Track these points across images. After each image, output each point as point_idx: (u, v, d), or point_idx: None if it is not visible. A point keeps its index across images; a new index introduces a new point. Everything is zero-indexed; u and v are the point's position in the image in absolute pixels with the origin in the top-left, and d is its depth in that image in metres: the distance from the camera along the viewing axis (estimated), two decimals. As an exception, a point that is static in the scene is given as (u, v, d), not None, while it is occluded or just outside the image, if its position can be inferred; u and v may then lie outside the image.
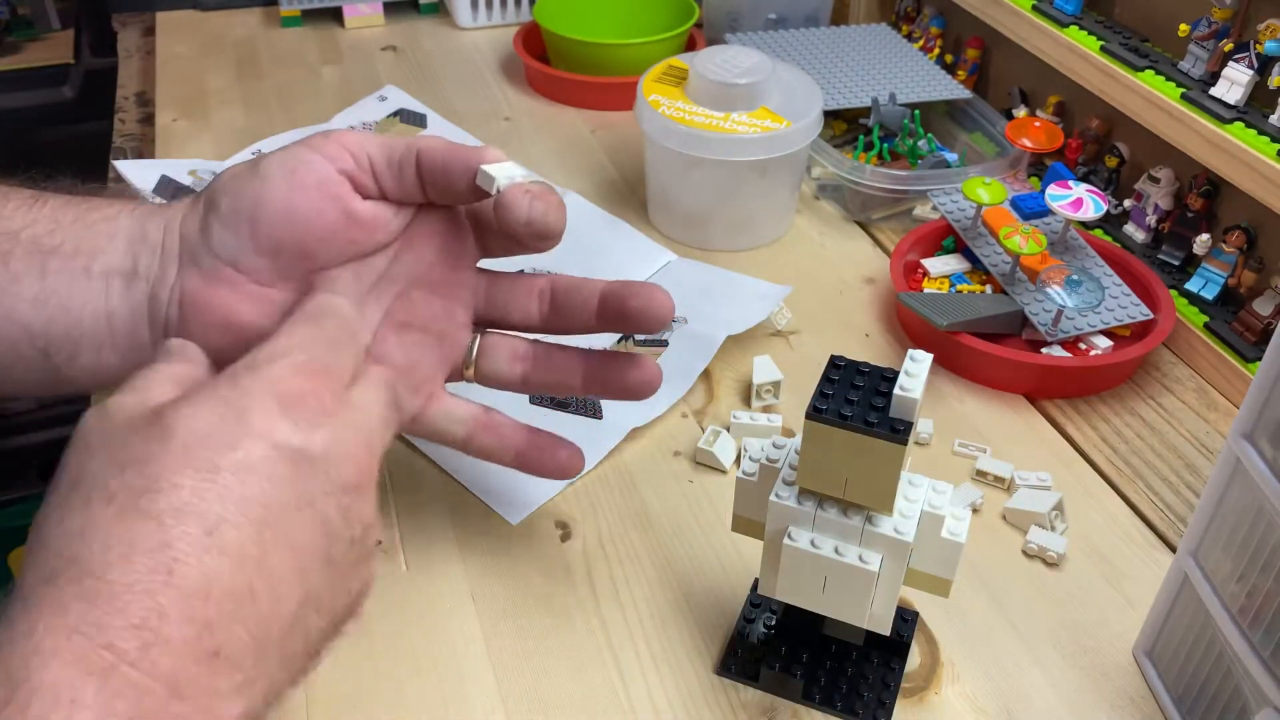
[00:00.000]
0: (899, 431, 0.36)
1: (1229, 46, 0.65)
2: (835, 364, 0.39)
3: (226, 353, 0.43)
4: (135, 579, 0.28)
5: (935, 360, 0.66)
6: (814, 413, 0.37)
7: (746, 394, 0.63)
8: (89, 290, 0.42)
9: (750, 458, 0.43)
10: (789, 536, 0.40)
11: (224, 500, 0.30)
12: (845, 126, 0.88)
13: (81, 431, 0.32)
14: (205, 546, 0.29)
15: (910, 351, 0.38)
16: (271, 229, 0.41)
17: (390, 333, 0.45)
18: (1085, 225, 0.73)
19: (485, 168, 0.41)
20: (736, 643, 0.48)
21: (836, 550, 0.40)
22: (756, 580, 0.50)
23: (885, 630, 0.42)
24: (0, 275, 0.41)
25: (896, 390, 0.36)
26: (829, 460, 0.38)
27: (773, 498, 0.41)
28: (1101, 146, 0.78)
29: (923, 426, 0.60)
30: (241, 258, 0.41)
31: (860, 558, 0.40)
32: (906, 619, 0.48)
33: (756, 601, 0.49)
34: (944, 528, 0.40)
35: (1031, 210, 0.72)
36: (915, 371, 0.37)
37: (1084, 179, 0.76)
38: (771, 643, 0.46)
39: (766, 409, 0.62)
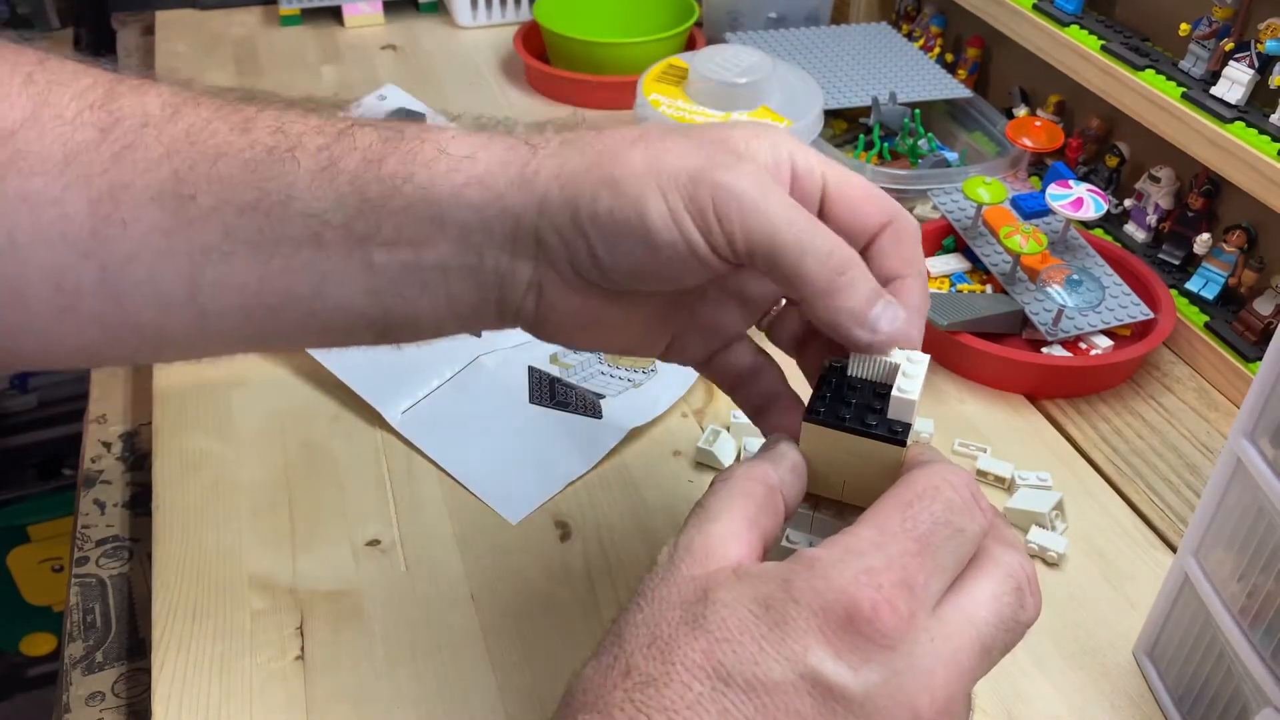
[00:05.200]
0: (897, 433, 0.36)
1: (1230, 46, 0.65)
2: (833, 365, 0.39)
3: (590, 340, 0.41)
4: None
5: (935, 360, 0.66)
6: (811, 414, 0.37)
7: (746, 394, 0.63)
8: (426, 279, 0.38)
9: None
10: (786, 539, 0.40)
11: None
12: (845, 126, 0.88)
13: (660, 567, 0.31)
14: None
15: (907, 353, 0.37)
16: (655, 284, 0.38)
17: (704, 296, 0.42)
18: (1085, 225, 0.73)
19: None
20: None
21: None
22: None
23: None
24: (322, 262, 0.37)
25: (894, 391, 0.36)
26: (826, 462, 0.38)
27: None
28: (1102, 146, 0.78)
29: (922, 426, 0.60)
30: (612, 285, 0.38)
31: None
32: None
33: None
34: None
35: (1032, 210, 0.72)
36: (913, 373, 0.37)
37: (1084, 178, 0.76)
38: None
39: (766, 409, 0.62)
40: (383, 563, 0.52)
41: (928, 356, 0.37)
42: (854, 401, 0.37)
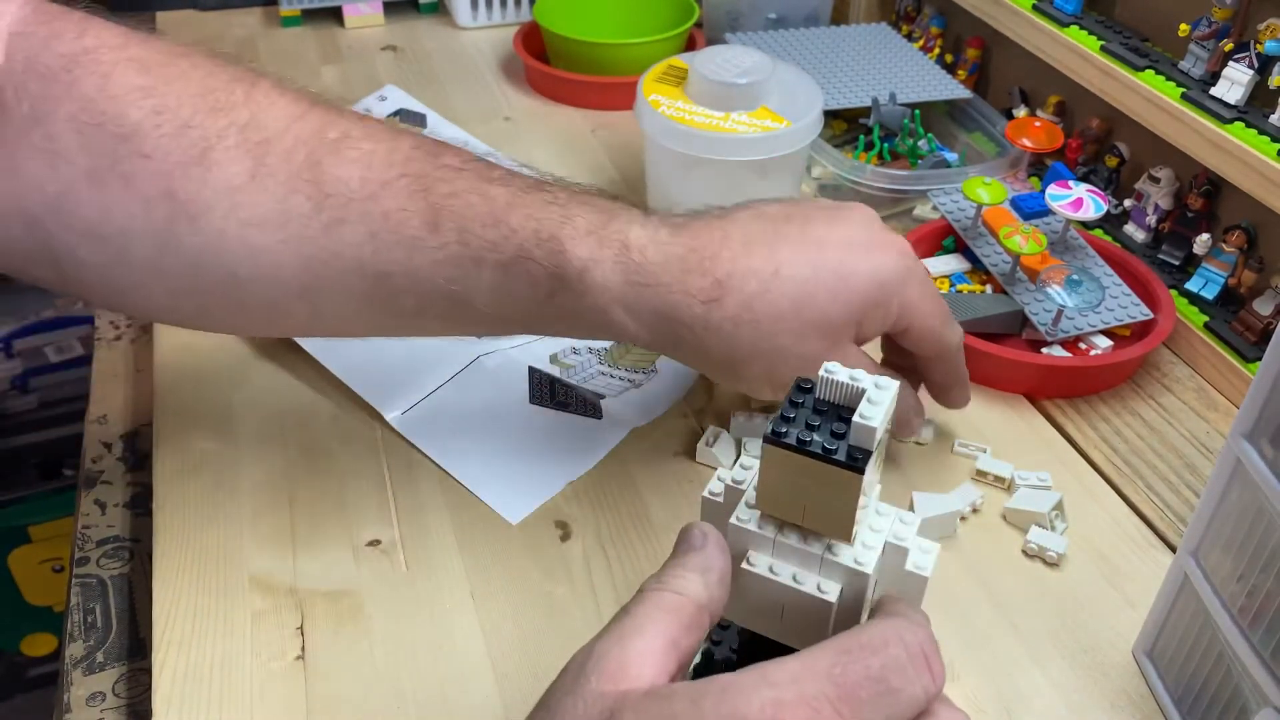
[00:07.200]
0: (856, 460, 0.35)
1: (1229, 46, 0.65)
2: (801, 386, 0.38)
3: None
4: None
5: (935, 360, 0.66)
6: (773, 436, 0.36)
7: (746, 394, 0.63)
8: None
9: (718, 478, 0.42)
10: (747, 561, 0.39)
11: None
12: (845, 126, 0.88)
13: (570, 675, 0.31)
14: None
15: (875, 378, 0.37)
16: None
17: None
18: (1085, 225, 0.73)
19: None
20: (702, 667, 0.46)
21: (795, 578, 0.38)
22: None
23: None
24: (497, 330, 0.51)
25: (855, 418, 0.35)
26: (787, 486, 0.36)
27: (733, 520, 0.39)
28: (1101, 146, 0.78)
29: (923, 429, 0.60)
30: None
31: (819, 587, 0.38)
32: None
33: (724, 624, 0.48)
34: (908, 560, 0.39)
35: (1032, 210, 0.72)
36: (878, 399, 0.36)
37: (1084, 179, 0.76)
38: (734, 668, 0.45)
39: (765, 409, 0.62)
40: (383, 563, 0.52)
41: (896, 383, 0.36)
42: (817, 425, 0.36)
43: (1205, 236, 0.68)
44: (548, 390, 0.62)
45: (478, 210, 0.46)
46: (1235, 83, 0.64)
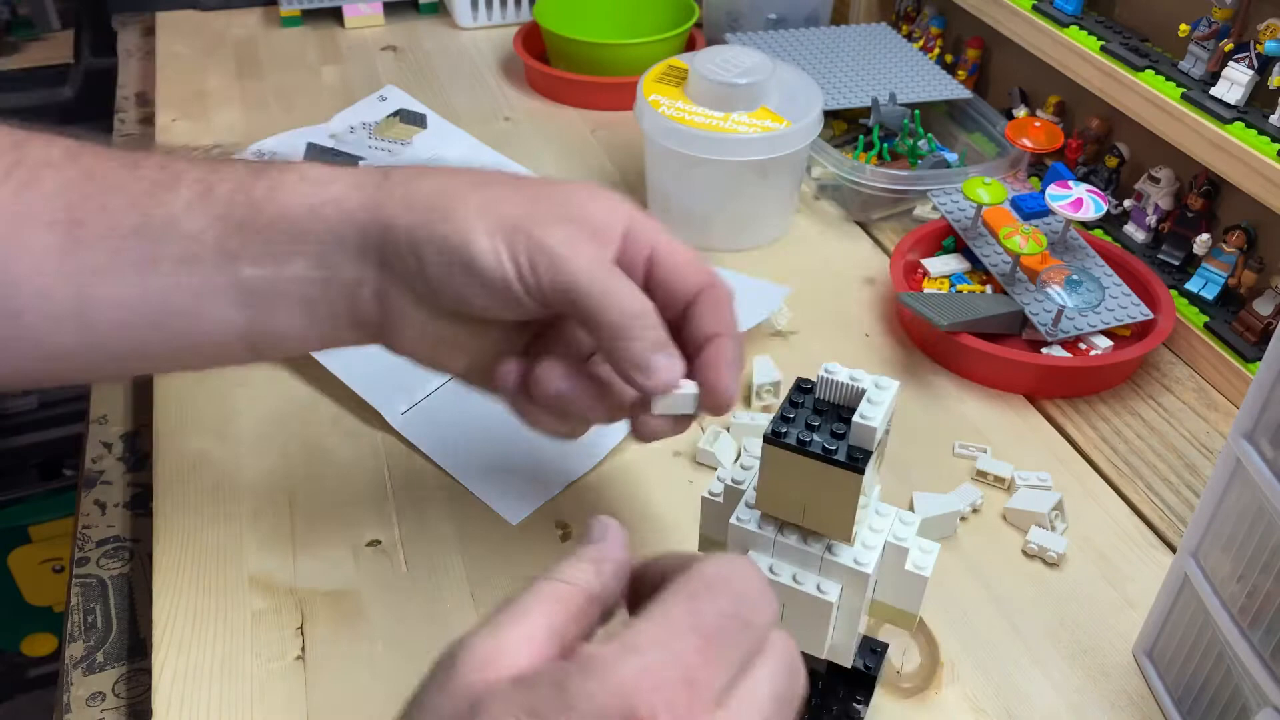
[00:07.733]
0: (856, 460, 0.35)
1: (1229, 46, 0.65)
2: (800, 386, 0.38)
3: (442, 359, 0.46)
4: None
5: (935, 360, 0.66)
6: (773, 436, 0.36)
7: (746, 394, 0.63)
8: (287, 292, 0.43)
9: (718, 478, 0.42)
10: None
11: None
12: (845, 126, 0.88)
13: (441, 667, 0.30)
14: None
15: (875, 378, 0.37)
16: (479, 309, 0.43)
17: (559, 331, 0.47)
18: (1085, 225, 0.73)
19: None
20: None
21: (795, 578, 0.38)
22: None
23: (846, 663, 0.41)
24: (197, 278, 0.43)
25: (855, 418, 0.35)
26: (787, 486, 0.36)
27: (733, 520, 0.39)
28: (1101, 146, 0.78)
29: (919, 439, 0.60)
30: (445, 305, 0.43)
31: (819, 587, 0.38)
32: (876, 650, 0.45)
33: None
34: (908, 560, 0.39)
35: (1031, 210, 0.72)
36: (878, 399, 0.36)
37: (1084, 179, 0.76)
38: None
39: (766, 409, 0.62)
40: (383, 563, 0.52)
41: (897, 383, 0.36)
42: (817, 425, 0.36)
43: (1205, 236, 0.68)
44: None
45: (187, 153, 0.45)
46: (1235, 83, 0.64)
